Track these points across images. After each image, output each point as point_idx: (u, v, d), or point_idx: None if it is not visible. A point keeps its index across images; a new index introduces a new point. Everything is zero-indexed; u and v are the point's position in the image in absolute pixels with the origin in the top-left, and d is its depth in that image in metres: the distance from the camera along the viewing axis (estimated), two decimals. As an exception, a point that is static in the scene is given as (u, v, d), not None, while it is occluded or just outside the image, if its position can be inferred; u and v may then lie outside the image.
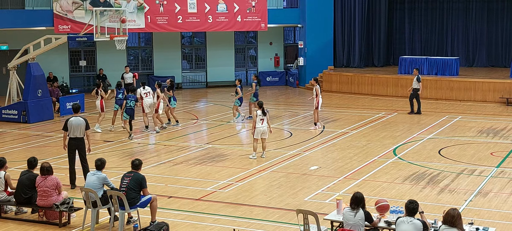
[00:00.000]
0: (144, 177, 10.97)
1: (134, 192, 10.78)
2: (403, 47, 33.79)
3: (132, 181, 10.81)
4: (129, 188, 10.76)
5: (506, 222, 11.11)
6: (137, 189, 10.81)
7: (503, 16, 31.85)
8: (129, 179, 10.85)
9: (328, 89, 30.24)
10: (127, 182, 10.84)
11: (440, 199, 12.57)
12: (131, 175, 10.89)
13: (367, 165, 15.47)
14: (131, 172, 10.97)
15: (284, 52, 34.91)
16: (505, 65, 30.68)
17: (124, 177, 10.99)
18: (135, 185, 10.79)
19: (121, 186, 10.88)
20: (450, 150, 16.99)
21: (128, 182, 10.83)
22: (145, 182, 10.94)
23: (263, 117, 16.20)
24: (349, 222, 9.06)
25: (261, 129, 16.13)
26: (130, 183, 10.80)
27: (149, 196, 10.98)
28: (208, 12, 30.20)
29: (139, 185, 10.82)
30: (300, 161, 16.02)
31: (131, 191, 10.76)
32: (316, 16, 31.60)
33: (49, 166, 11.42)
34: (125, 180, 10.89)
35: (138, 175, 10.91)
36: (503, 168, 15.01)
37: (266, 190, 13.35)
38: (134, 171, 10.98)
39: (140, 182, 10.85)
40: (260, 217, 11.61)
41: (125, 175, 11.04)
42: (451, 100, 26.04)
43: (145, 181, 10.92)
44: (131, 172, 10.97)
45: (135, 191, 10.79)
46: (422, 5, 33.52)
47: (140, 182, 10.85)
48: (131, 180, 10.83)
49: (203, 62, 33.48)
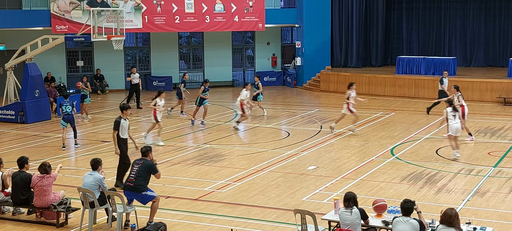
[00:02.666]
0: (153, 164, 11.18)
1: (142, 180, 10.94)
2: (401, 47, 33.81)
3: (142, 168, 10.99)
4: (138, 175, 10.91)
5: (504, 221, 11.12)
6: (146, 177, 11.00)
7: (500, 15, 31.89)
8: (139, 166, 11.04)
9: (326, 89, 30.26)
10: (136, 169, 11.02)
11: (437, 198, 12.58)
12: (140, 162, 11.09)
13: (365, 165, 15.48)
14: (140, 159, 11.19)
15: (282, 52, 34.91)
16: (502, 65, 30.71)
17: (134, 164, 11.17)
18: (145, 172, 10.98)
19: (131, 173, 11.03)
20: (448, 150, 16.99)
21: (138, 169, 10.98)
22: (155, 168, 11.13)
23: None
24: (346, 222, 9.08)
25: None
26: (140, 170, 10.95)
27: (154, 194, 11.06)
28: (205, 12, 30.19)
29: (148, 172, 11.04)
30: (298, 161, 16.03)
31: (139, 178, 10.90)
32: (313, 16, 31.61)
33: (49, 165, 11.37)
34: (135, 167, 11.08)
35: (147, 162, 11.12)
36: (500, 167, 15.02)
37: (264, 190, 13.35)
38: (144, 158, 11.20)
39: (149, 169, 11.03)
40: (258, 217, 11.62)
41: (135, 161, 11.27)
42: (449, 100, 26.03)
43: (154, 168, 11.12)
44: (140, 159, 11.19)
45: (144, 178, 10.97)
46: (419, 5, 33.54)
47: (149, 169, 11.03)
48: (141, 167, 11.01)
49: (201, 62, 33.47)
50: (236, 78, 34.02)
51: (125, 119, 13.50)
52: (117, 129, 13.29)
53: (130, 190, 11.00)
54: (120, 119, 13.39)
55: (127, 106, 13.73)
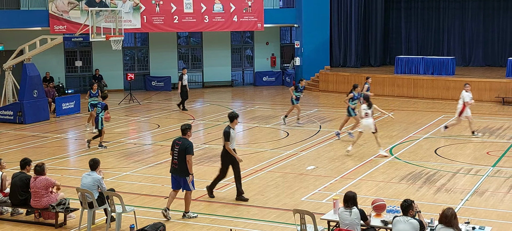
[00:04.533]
0: (190, 144, 11.13)
1: (183, 162, 11.01)
2: (400, 47, 33.79)
3: (181, 149, 11.03)
4: (179, 157, 11.02)
5: (503, 221, 11.12)
6: (184, 158, 11.02)
7: (499, 15, 31.89)
8: (179, 147, 11.06)
9: (325, 89, 30.25)
10: (177, 150, 11.07)
11: (436, 198, 12.58)
12: (179, 143, 11.10)
13: (364, 165, 15.47)
14: (180, 139, 11.18)
15: (281, 52, 34.90)
16: (501, 64, 30.70)
17: (174, 145, 11.16)
18: (183, 154, 11.01)
19: (173, 155, 11.14)
20: (447, 150, 17.00)
21: (178, 150, 11.05)
22: (191, 148, 11.03)
23: None
24: (345, 222, 9.07)
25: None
26: (179, 151, 11.01)
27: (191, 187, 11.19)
28: (204, 12, 30.17)
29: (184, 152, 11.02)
30: (297, 161, 16.02)
31: (181, 161, 11.03)
32: (312, 16, 31.60)
33: (41, 166, 11.28)
34: (176, 149, 11.10)
35: (184, 142, 11.08)
36: (499, 167, 15.02)
37: (263, 190, 13.34)
38: (183, 137, 11.17)
39: (185, 148, 10.98)
40: (257, 217, 11.61)
41: (175, 142, 11.22)
42: (448, 100, 26.05)
43: (189, 149, 11.00)
44: (180, 139, 11.18)
45: (183, 160, 11.01)
46: (418, 5, 33.54)
47: (185, 149, 10.98)
48: (180, 148, 11.04)
49: (200, 62, 33.45)
50: (235, 78, 34.01)
51: (234, 128, 12.42)
52: (228, 139, 12.21)
53: (175, 173, 11.20)
54: (229, 129, 12.29)
55: (237, 115, 12.53)
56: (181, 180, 11.22)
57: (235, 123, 12.42)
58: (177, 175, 11.24)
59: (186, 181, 11.20)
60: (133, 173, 15.10)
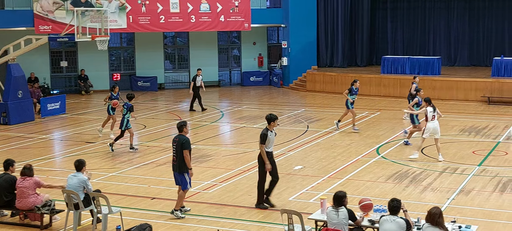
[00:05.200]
0: (187, 139, 11.24)
1: (181, 159, 11.15)
2: (386, 47, 33.91)
3: (178, 146, 11.15)
4: (177, 154, 11.17)
5: (489, 220, 11.18)
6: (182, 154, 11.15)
7: (484, 15, 32.09)
8: (176, 144, 11.20)
9: (312, 89, 30.29)
10: (175, 147, 11.24)
11: (423, 197, 12.62)
12: (177, 140, 11.24)
13: (351, 164, 15.50)
14: (177, 136, 11.32)
15: (268, 52, 34.89)
16: (486, 64, 30.89)
17: (173, 142, 11.34)
18: (180, 150, 11.14)
19: (173, 152, 11.32)
20: (433, 149, 17.07)
21: (176, 147, 11.21)
22: (187, 144, 11.17)
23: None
24: (333, 222, 9.07)
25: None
26: (177, 147, 11.17)
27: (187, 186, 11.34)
28: (190, 12, 30.09)
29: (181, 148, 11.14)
30: (284, 161, 16.00)
31: (179, 158, 11.16)
32: (299, 16, 31.62)
33: (29, 167, 11.25)
34: (174, 145, 11.29)
35: (181, 138, 11.21)
36: (485, 166, 15.11)
37: (251, 190, 13.31)
38: (180, 134, 11.33)
39: (181, 144, 11.12)
40: (245, 217, 11.58)
41: (173, 140, 11.37)
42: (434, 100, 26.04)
43: (186, 144, 11.14)
44: (177, 136, 11.32)
45: (182, 157, 11.15)
46: (404, 5, 33.67)
47: (181, 144, 11.11)
48: (177, 145, 11.17)
49: (186, 62, 33.35)
50: (222, 78, 33.96)
51: (271, 131, 11.99)
52: (264, 142, 11.81)
53: (175, 170, 11.33)
54: (266, 131, 11.87)
55: (275, 117, 12.06)
56: (179, 176, 11.37)
57: (273, 125, 11.95)
58: (177, 171, 11.40)
59: (184, 177, 11.32)
60: (120, 173, 15.02)
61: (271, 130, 11.95)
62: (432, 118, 15.65)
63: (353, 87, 19.53)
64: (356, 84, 19.59)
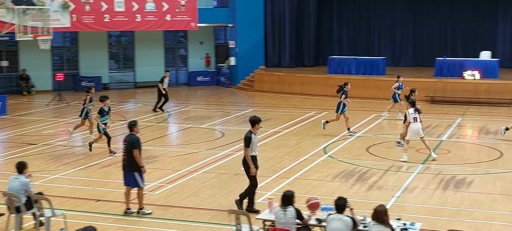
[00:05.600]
0: (137, 138, 11.25)
1: (131, 158, 11.19)
2: (332, 47, 34.29)
3: (129, 145, 11.21)
4: (127, 153, 11.22)
5: (432, 217, 11.39)
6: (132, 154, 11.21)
7: (427, 16, 32.84)
8: (126, 144, 11.25)
9: (260, 89, 30.34)
10: (125, 147, 11.29)
11: (369, 195, 12.78)
12: (127, 139, 11.27)
13: (299, 164, 15.56)
14: (128, 136, 11.36)
15: (215, 52, 34.77)
16: (430, 64, 31.56)
17: (124, 141, 11.40)
18: (130, 150, 11.17)
19: (123, 151, 11.39)
20: (378, 148, 17.33)
21: (126, 147, 11.27)
22: (137, 143, 11.21)
23: None
24: (280, 221, 9.06)
25: None
26: (127, 147, 11.23)
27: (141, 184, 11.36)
28: (136, 11, 29.69)
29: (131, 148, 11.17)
30: (233, 161, 15.94)
31: (129, 158, 11.20)
32: (246, 15, 31.63)
33: None
34: (124, 145, 11.35)
35: (131, 138, 11.27)
36: (428, 164, 15.42)
37: (198, 191, 13.20)
38: (130, 133, 11.36)
39: (132, 145, 11.16)
40: (191, 218, 11.47)
41: (124, 138, 11.43)
42: (379, 99, 26.60)
43: (137, 142, 11.20)
44: (128, 136, 11.36)
45: (132, 156, 11.18)
46: (349, 6, 34.13)
47: (131, 144, 11.16)
48: (128, 144, 11.22)
49: (131, 62, 32.89)
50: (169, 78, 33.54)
51: (255, 133, 11.55)
52: (248, 145, 11.40)
53: (125, 170, 11.34)
54: (250, 134, 11.44)
55: (259, 119, 11.59)
56: (130, 176, 11.36)
57: (257, 127, 11.52)
58: (127, 171, 11.39)
59: (135, 177, 11.33)
60: (63, 176, 14.64)
61: (255, 132, 11.55)
62: (414, 120, 15.76)
63: (345, 89, 19.11)
64: (347, 86, 19.19)
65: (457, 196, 12.75)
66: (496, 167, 15.10)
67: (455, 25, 32.36)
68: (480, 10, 31.84)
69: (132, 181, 11.42)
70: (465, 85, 26.03)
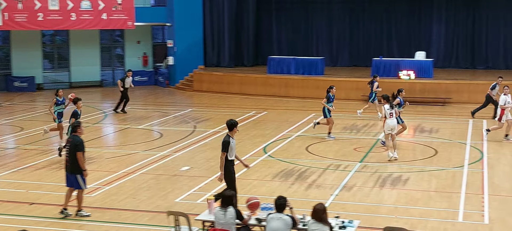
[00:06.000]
0: (80, 141, 11.13)
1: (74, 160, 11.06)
2: (271, 47, 34.41)
3: (71, 147, 11.10)
4: (69, 154, 11.14)
5: (370, 214, 11.56)
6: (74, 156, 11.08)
7: (363, 17, 33.41)
8: (70, 145, 11.17)
9: (199, 89, 30.15)
10: (68, 148, 11.21)
11: (308, 194, 12.85)
12: (70, 141, 11.14)
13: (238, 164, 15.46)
14: (71, 137, 11.21)
15: (153, 51, 34.32)
16: (366, 64, 32.11)
17: (67, 142, 11.42)
18: (73, 151, 11.03)
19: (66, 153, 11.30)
20: (317, 147, 17.48)
21: (69, 148, 11.18)
22: (80, 145, 11.07)
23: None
24: (220, 222, 8.98)
25: None
26: (70, 149, 11.14)
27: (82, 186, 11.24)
28: (71, 10, 28.95)
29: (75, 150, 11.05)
30: (171, 162, 15.74)
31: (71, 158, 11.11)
32: (184, 14, 31.36)
33: None
34: (67, 146, 11.29)
35: (74, 139, 11.14)
36: (366, 162, 15.66)
37: (135, 193, 12.96)
38: (74, 134, 11.22)
39: (75, 147, 11.04)
40: (129, 221, 11.25)
41: (67, 139, 11.53)
42: (318, 99, 26.79)
43: (79, 146, 11.05)
44: (71, 137, 11.21)
45: (74, 158, 11.04)
46: (288, 6, 34.34)
47: (75, 146, 11.03)
48: (71, 145, 11.14)
49: (66, 61, 32.06)
50: (105, 78, 32.99)
51: (233, 138, 11.07)
52: (226, 150, 10.87)
53: (67, 171, 11.19)
54: (229, 138, 10.91)
55: (236, 123, 11.10)
56: (72, 177, 11.25)
57: (235, 131, 11.07)
58: (69, 172, 11.30)
59: (77, 178, 11.22)
60: (-6, 179, 14.09)
61: (233, 136, 11.09)
62: (390, 115, 15.85)
63: (330, 94, 18.54)
64: (332, 90, 18.60)
65: (393, 193, 12.99)
66: (431, 164, 15.48)
67: (390, 25, 33.03)
68: (415, 11, 32.60)
69: (74, 182, 11.34)
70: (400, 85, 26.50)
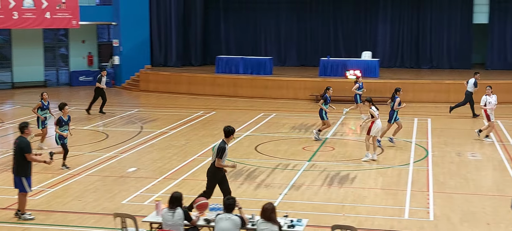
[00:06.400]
0: (27, 143, 11.02)
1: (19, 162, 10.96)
2: (220, 47, 34.28)
3: (18, 149, 11.00)
4: (15, 158, 11.05)
5: (318, 213, 11.65)
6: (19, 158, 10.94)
7: (311, 17, 33.65)
8: (16, 146, 11.05)
9: (145, 89, 29.79)
10: (14, 148, 11.12)
11: (257, 194, 12.86)
12: (17, 142, 11.00)
13: (187, 164, 15.38)
14: (18, 138, 11.07)
15: (98, 50, 33.71)
16: (314, 64, 32.40)
17: (14, 143, 11.20)
18: (19, 153, 10.90)
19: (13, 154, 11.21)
20: (266, 146, 17.52)
21: (15, 150, 11.08)
22: (28, 147, 10.96)
23: None
24: (168, 223, 8.90)
25: None
26: (15, 150, 11.05)
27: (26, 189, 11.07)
28: (13, 8, 28.13)
29: (21, 153, 10.94)
30: (117, 163, 15.48)
31: (16, 159, 11.04)
32: (130, 13, 30.92)
33: None
34: (14, 148, 11.16)
35: (21, 141, 11.03)
36: (314, 161, 15.79)
37: (81, 195, 12.69)
38: (20, 136, 11.08)
39: (21, 149, 10.94)
40: (75, 223, 11.02)
41: (14, 140, 11.22)
42: (266, 98, 26.96)
43: (26, 148, 10.93)
44: (18, 138, 11.07)
45: (18, 160, 10.91)
46: (236, 6, 34.29)
47: (21, 150, 10.93)
48: (17, 148, 11.03)
49: (9, 61, 31.14)
50: (49, 78, 32.20)
51: (228, 144, 10.95)
52: (221, 156, 10.75)
53: (13, 173, 11.07)
54: (224, 144, 10.82)
55: (233, 130, 11.05)
56: (17, 179, 11.13)
57: (231, 138, 11.03)
58: (15, 174, 11.19)
59: (21, 180, 11.06)
60: None
61: (228, 143, 11.03)
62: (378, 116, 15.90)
63: (327, 95, 18.20)
64: (329, 92, 18.28)
65: (341, 191, 13.13)
66: (377, 162, 15.71)
67: (337, 25, 33.37)
68: (361, 11, 33.03)
69: (18, 184, 11.14)
70: (347, 85, 26.93)
